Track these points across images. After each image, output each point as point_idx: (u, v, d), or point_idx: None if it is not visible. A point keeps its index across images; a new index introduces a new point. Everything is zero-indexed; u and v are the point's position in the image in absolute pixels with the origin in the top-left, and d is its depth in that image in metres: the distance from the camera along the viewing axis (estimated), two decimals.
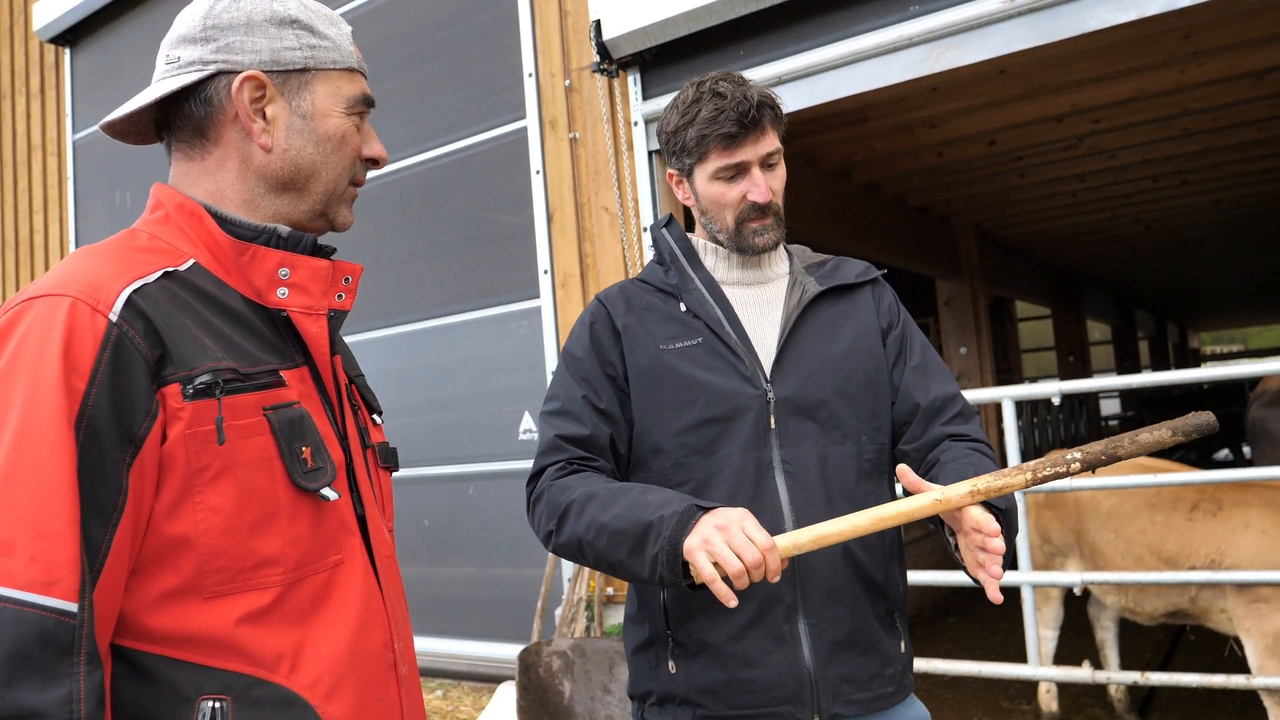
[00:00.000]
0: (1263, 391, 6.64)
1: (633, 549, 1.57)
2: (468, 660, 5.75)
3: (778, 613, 1.70)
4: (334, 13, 1.36)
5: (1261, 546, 3.91)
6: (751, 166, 1.82)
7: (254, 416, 1.15)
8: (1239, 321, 32.09)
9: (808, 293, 1.86)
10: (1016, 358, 14.35)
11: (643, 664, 1.81)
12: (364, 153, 1.35)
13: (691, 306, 1.83)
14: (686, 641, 1.73)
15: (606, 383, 1.82)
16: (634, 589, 1.85)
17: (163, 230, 1.25)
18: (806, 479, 1.73)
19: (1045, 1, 3.93)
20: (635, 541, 1.57)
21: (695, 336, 1.80)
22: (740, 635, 1.69)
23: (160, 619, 1.09)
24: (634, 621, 1.85)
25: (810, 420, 1.77)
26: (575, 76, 5.37)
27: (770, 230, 1.85)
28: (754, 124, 1.79)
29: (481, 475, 5.80)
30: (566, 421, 1.80)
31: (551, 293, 5.46)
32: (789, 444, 1.75)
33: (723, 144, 1.80)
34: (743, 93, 1.80)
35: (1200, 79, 6.23)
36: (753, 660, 1.69)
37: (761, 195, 1.81)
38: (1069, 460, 1.40)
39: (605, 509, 1.63)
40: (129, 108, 1.29)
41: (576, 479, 1.73)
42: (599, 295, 1.93)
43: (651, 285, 1.89)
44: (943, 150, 7.71)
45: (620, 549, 1.59)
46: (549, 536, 1.73)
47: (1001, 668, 4.33)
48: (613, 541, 1.60)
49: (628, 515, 1.59)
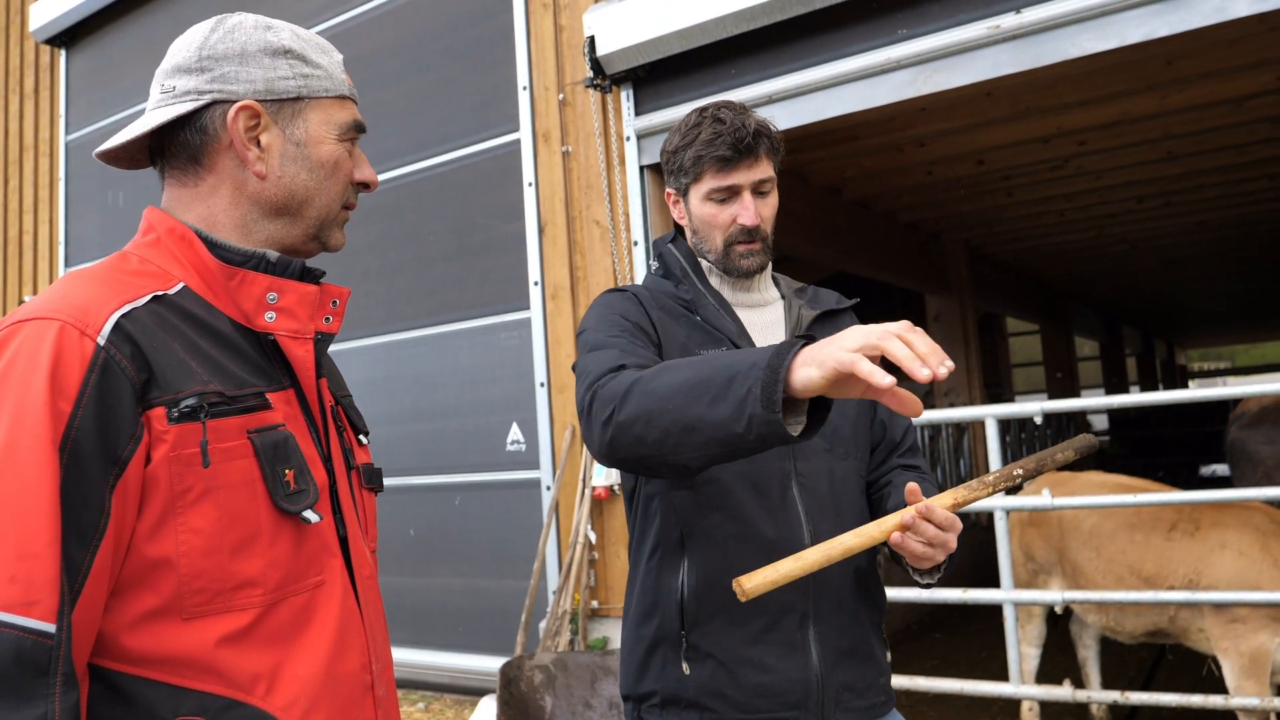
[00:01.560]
0: (1242, 413, 6.68)
1: (717, 395, 1.38)
2: (450, 673, 5.75)
3: (792, 620, 1.73)
4: (326, 41, 1.39)
5: (1238, 567, 3.95)
6: (743, 191, 1.87)
7: (238, 439, 1.16)
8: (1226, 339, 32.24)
9: (805, 316, 1.92)
10: (1007, 373, 14.41)
11: (648, 664, 1.81)
12: (356, 177, 1.38)
13: (709, 320, 1.87)
14: (700, 643, 1.74)
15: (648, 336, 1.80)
16: (637, 585, 1.84)
17: (153, 254, 1.27)
18: (819, 492, 1.78)
19: (1029, 29, 3.99)
20: (721, 386, 1.38)
21: (720, 345, 1.84)
22: (756, 640, 1.72)
23: (138, 640, 1.10)
24: (641, 619, 1.83)
25: (820, 436, 1.81)
26: (569, 91, 5.40)
27: (756, 255, 1.89)
28: (748, 150, 1.84)
29: (468, 486, 5.81)
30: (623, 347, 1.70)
31: (542, 304, 5.48)
32: (804, 457, 1.79)
33: (717, 166, 1.84)
34: (741, 120, 1.85)
35: (1182, 104, 6.33)
36: (766, 666, 1.72)
37: (750, 219, 1.85)
38: (1014, 474, 1.57)
39: (679, 371, 1.46)
40: (125, 136, 1.31)
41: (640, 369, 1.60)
42: (620, 287, 1.93)
43: (665, 295, 1.91)
44: (932, 169, 7.78)
45: (699, 402, 1.39)
46: (608, 420, 1.52)
47: (984, 685, 4.35)
48: (690, 397, 1.41)
49: (709, 365, 1.43)
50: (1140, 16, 3.82)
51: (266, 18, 1.35)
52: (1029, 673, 4.80)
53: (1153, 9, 3.80)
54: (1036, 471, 1.59)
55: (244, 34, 1.30)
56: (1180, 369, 34.52)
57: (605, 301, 1.87)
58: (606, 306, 1.85)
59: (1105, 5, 3.84)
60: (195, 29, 1.33)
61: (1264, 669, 3.88)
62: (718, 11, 4.60)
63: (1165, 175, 8.33)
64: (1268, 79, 5.89)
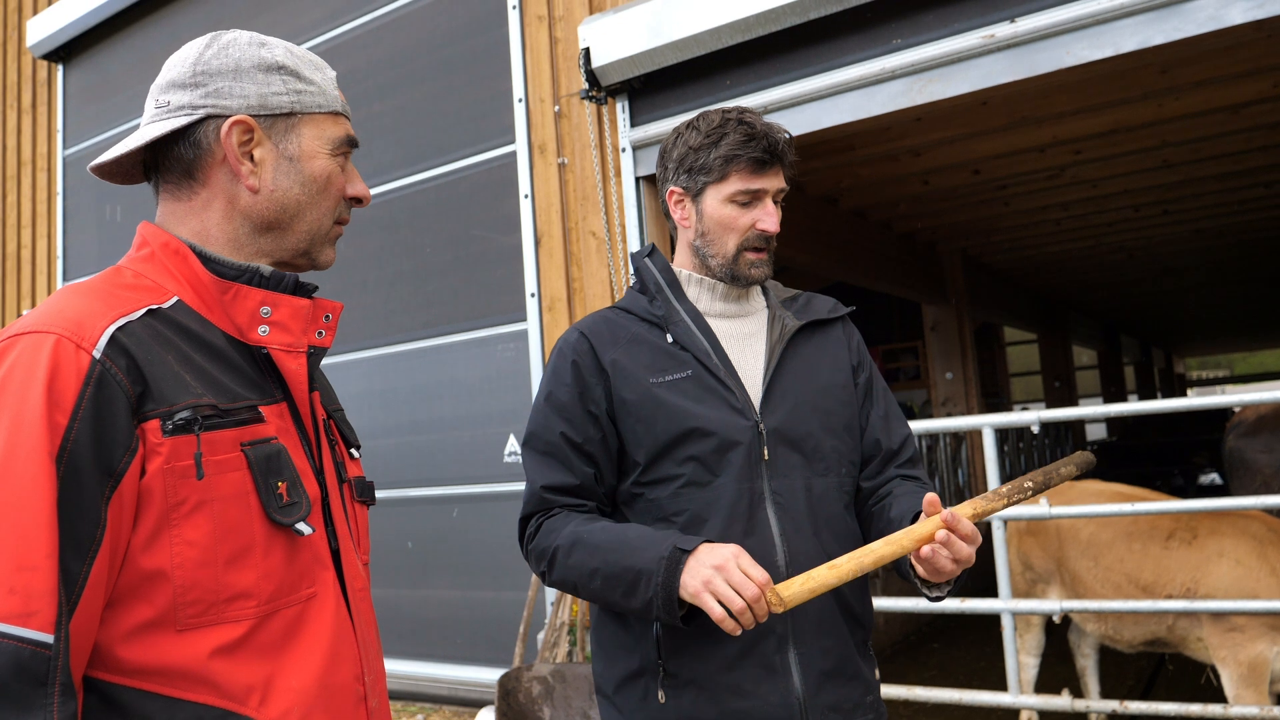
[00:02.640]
0: (1240, 421, 6.69)
1: (626, 593, 1.65)
2: (449, 684, 5.73)
3: (769, 643, 1.72)
4: (319, 58, 1.41)
5: (1235, 576, 3.94)
6: (767, 196, 1.87)
7: (232, 452, 1.17)
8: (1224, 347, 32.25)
9: (789, 327, 1.90)
10: (1005, 382, 14.41)
11: (628, 696, 1.80)
12: (348, 192, 1.39)
13: (678, 338, 1.84)
14: (679, 672, 1.73)
15: (588, 420, 1.83)
16: (611, 622, 1.86)
17: (148, 268, 1.28)
18: (795, 509, 1.77)
19: (1023, 37, 4.00)
20: (628, 586, 1.65)
21: (684, 369, 1.82)
22: (733, 665, 1.71)
23: (133, 651, 1.11)
24: (618, 652, 1.83)
25: (797, 452, 1.80)
26: (564, 103, 5.42)
27: (765, 264, 1.90)
28: (779, 157, 1.86)
29: (466, 497, 5.80)
30: (551, 468, 1.84)
31: (538, 316, 5.49)
32: (778, 475, 1.78)
33: (750, 168, 1.84)
34: (769, 127, 1.87)
35: (1178, 112, 6.33)
36: (744, 691, 1.71)
37: (772, 224, 1.86)
38: (1024, 487, 1.63)
39: (592, 554, 1.70)
40: (120, 150, 1.32)
41: (559, 520, 1.81)
42: (580, 327, 1.91)
43: (635, 315, 1.90)
44: (928, 178, 7.79)
45: (614, 592, 1.67)
46: (543, 575, 1.81)
47: (982, 695, 4.34)
48: (605, 585, 1.68)
49: (616, 560, 1.67)
50: (1135, 25, 3.82)
51: (261, 35, 1.36)
52: (1028, 682, 4.79)
53: (1147, 17, 3.80)
54: (1045, 485, 1.64)
55: (238, 50, 1.32)
56: (1179, 377, 34.52)
57: (549, 380, 1.89)
58: (548, 391, 1.88)
59: (1099, 13, 3.85)
60: (190, 45, 1.34)
61: (1262, 678, 3.87)
62: (713, 23, 4.62)
63: (1162, 183, 8.33)
64: (1264, 86, 5.89)
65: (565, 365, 1.87)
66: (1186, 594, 4.03)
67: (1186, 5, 3.72)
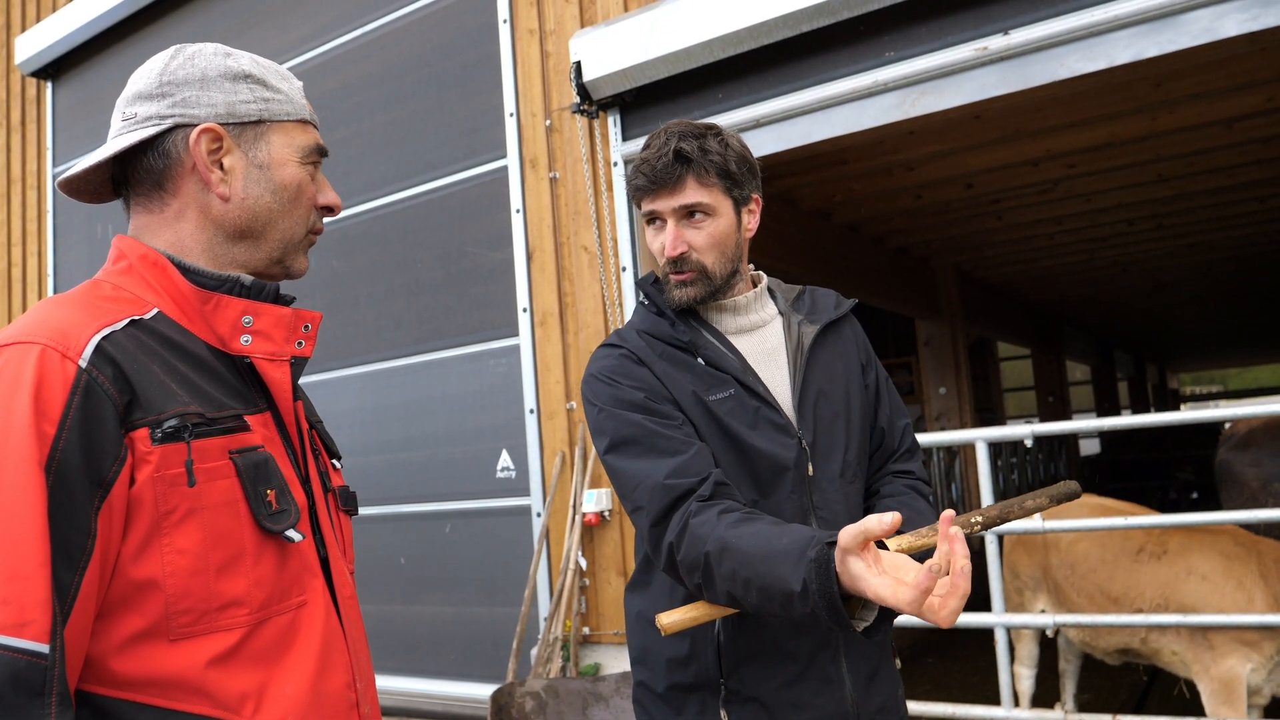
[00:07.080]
0: (1231, 434, 6.69)
1: (784, 605, 1.47)
2: (442, 700, 5.69)
3: (826, 655, 1.72)
4: (285, 69, 1.41)
5: (1203, 593, 3.91)
6: (664, 218, 1.79)
7: (220, 460, 1.18)
8: (1218, 362, 32.35)
9: (805, 335, 1.87)
10: (999, 397, 14.42)
11: (682, 707, 1.76)
12: (319, 201, 1.40)
13: (711, 360, 1.78)
14: (739, 689, 1.72)
15: (666, 403, 1.74)
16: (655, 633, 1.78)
17: (126, 280, 1.28)
18: (837, 521, 1.75)
19: (1017, 50, 4.00)
20: (784, 599, 1.45)
21: (727, 388, 1.77)
22: (795, 680, 1.71)
23: (127, 663, 1.11)
24: (667, 665, 1.78)
25: (832, 464, 1.80)
26: (556, 117, 5.41)
27: (686, 285, 1.79)
28: (663, 178, 1.75)
29: (459, 513, 5.77)
30: (654, 458, 1.67)
31: (530, 331, 5.47)
32: (819, 488, 1.78)
33: (643, 194, 1.80)
34: (668, 145, 1.76)
35: (1172, 126, 6.35)
36: (804, 704, 1.71)
37: (668, 248, 1.78)
38: (971, 522, 1.52)
39: (744, 563, 1.51)
40: (88, 162, 1.32)
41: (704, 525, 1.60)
42: (613, 341, 1.83)
43: (658, 338, 1.82)
44: (921, 192, 7.80)
45: (772, 604, 1.49)
46: (699, 589, 1.61)
47: (975, 709, 4.32)
48: (762, 598, 1.49)
49: (767, 571, 1.48)
50: (1129, 37, 3.82)
51: (226, 46, 1.37)
52: (1024, 693, 4.78)
53: (1141, 29, 3.80)
54: (1000, 519, 1.54)
55: (204, 60, 1.33)
56: (1173, 393, 34.59)
57: (609, 371, 1.77)
58: (612, 382, 1.75)
59: (1093, 26, 3.84)
60: (155, 58, 1.35)
61: (1236, 693, 3.84)
62: (704, 36, 4.62)
63: (1156, 197, 8.35)
64: (1258, 100, 5.91)
65: (621, 366, 1.78)
66: (1157, 608, 4.01)
67: (1180, 17, 3.72)
